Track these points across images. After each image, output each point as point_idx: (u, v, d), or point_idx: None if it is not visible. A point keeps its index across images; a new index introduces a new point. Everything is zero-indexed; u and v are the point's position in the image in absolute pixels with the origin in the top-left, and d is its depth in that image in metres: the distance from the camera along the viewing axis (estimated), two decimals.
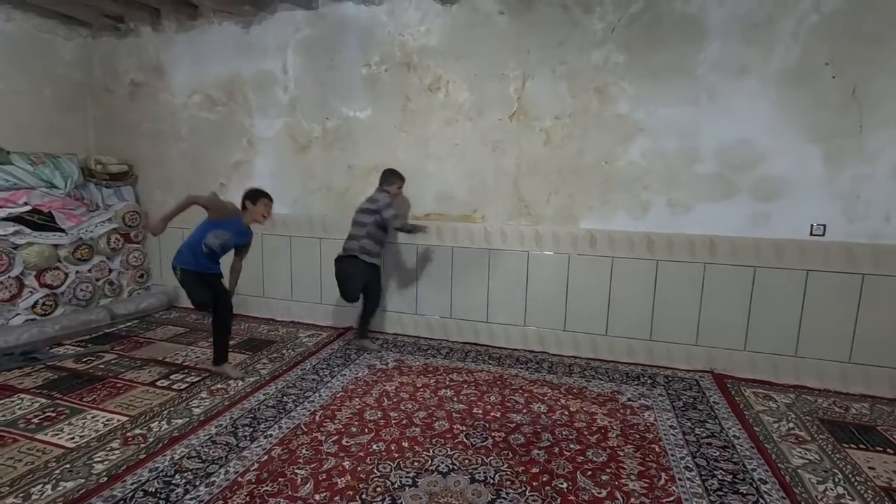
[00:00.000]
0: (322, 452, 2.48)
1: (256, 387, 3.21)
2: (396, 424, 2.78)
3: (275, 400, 3.04)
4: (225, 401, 3.02)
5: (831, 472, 2.41)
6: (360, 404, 3.01)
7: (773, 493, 2.25)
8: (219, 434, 2.64)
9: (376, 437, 2.63)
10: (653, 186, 3.56)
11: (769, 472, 2.40)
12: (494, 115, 3.82)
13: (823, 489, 2.29)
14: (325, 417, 2.84)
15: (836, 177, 3.21)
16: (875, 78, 3.08)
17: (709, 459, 2.50)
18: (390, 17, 3.94)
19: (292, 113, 4.33)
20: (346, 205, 4.28)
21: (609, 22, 3.48)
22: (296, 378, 3.37)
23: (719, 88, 3.35)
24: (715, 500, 2.19)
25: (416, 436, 2.66)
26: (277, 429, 2.70)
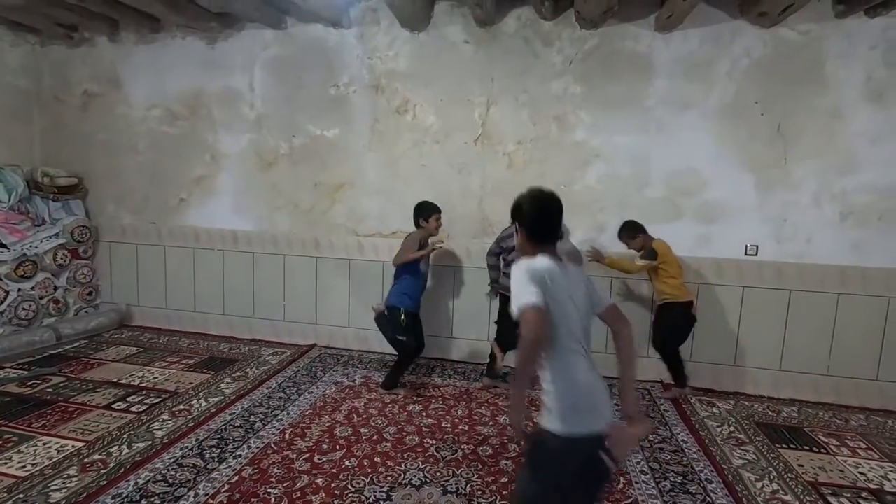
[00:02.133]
0: (294, 470, 2.49)
1: (221, 407, 3.15)
2: (367, 440, 2.82)
3: (242, 419, 3.00)
4: (189, 422, 2.95)
5: (767, 471, 2.67)
6: (329, 421, 3.02)
7: (719, 491, 2.46)
8: (185, 456, 2.59)
9: (348, 454, 2.66)
10: (608, 209, 3.82)
11: (714, 472, 2.62)
12: (460, 139, 3.98)
13: (761, 486, 2.53)
14: (296, 435, 2.84)
15: (766, 203, 3.58)
16: (796, 116, 3.49)
17: (661, 463, 2.70)
18: (359, 41, 4.05)
19: (258, 130, 4.32)
20: (311, 222, 4.31)
21: (567, 55, 3.75)
22: (262, 397, 3.33)
23: (666, 121, 3.67)
24: (668, 501, 2.37)
25: (388, 451, 2.71)
26: (247, 448, 2.68)
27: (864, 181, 3.45)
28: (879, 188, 3.43)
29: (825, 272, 3.52)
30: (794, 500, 2.42)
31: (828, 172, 3.49)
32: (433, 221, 3.45)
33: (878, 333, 3.48)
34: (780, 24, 3.42)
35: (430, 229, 3.45)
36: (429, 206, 3.48)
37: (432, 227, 3.45)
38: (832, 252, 3.53)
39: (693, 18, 3.47)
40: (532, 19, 3.76)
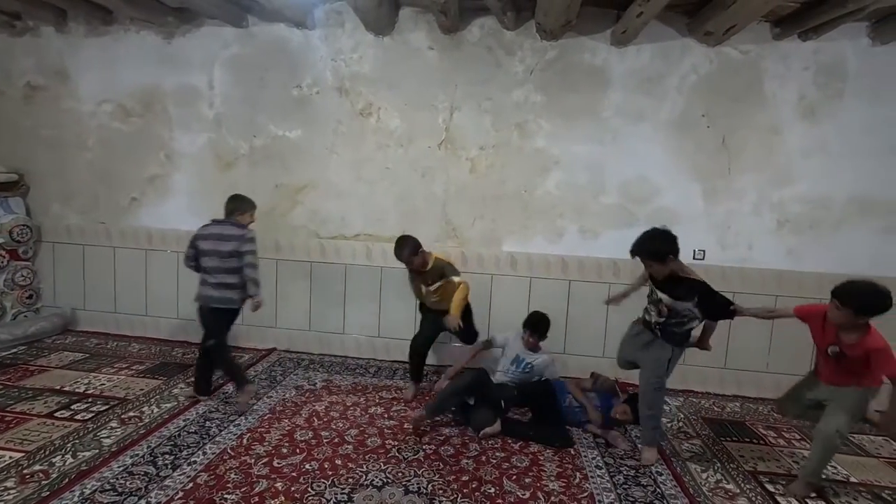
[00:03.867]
0: (252, 475, 2.44)
1: (175, 413, 3.05)
2: (329, 443, 2.79)
3: (197, 425, 2.91)
4: (140, 429, 2.83)
5: (712, 462, 2.83)
6: (289, 425, 2.98)
7: (668, 482, 2.60)
8: (135, 464, 2.49)
9: (309, 457, 2.63)
10: (566, 214, 3.96)
11: (664, 465, 2.76)
12: (424, 143, 4.03)
13: (706, 476, 2.68)
14: (254, 440, 2.78)
15: (712, 211, 3.81)
16: (739, 130, 3.74)
17: (615, 458, 2.82)
18: (323, 43, 4.04)
19: (217, 129, 4.22)
20: (272, 224, 4.23)
21: (528, 65, 3.87)
22: (219, 402, 3.24)
23: (621, 131, 3.85)
24: (621, 493, 2.48)
25: (350, 453, 2.70)
26: (202, 454, 2.60)
27: (798, 192, 3.73)
28: (811, 199, 3.72)
29: (764, 276, 3.77)
30: (736, 488, 2.58)
31: (766, 183, 3.75)
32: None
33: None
34: (724, 44, 3.66)
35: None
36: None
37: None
38: (770, 257, 3.79)
39: (646, 35, 3.66)
40: (495, 29, 3.86)
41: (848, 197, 3.70)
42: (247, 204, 3.29)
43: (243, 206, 3.27)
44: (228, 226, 3.18)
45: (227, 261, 3.12)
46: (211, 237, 3.15)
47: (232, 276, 3.14)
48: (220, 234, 3.14)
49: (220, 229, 3.17)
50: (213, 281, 3.15)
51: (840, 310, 2.31)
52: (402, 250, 3.26)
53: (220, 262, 3.12)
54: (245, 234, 3.16)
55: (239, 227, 3.18)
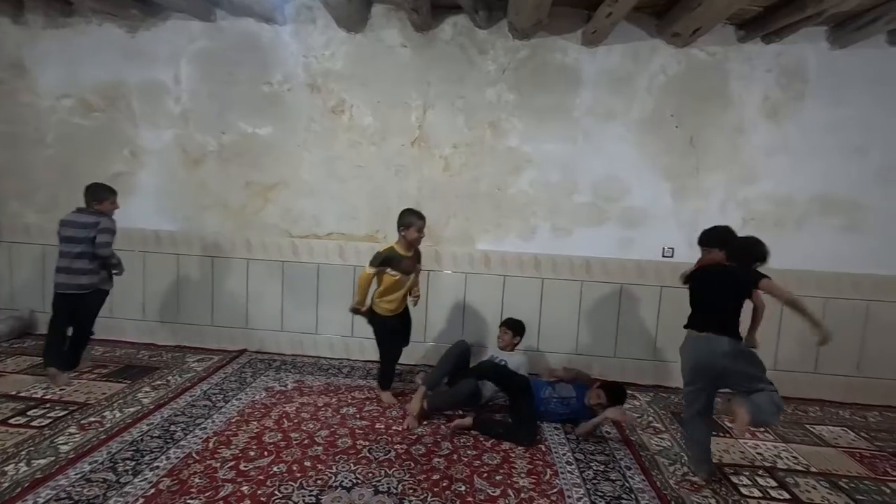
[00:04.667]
0: (218, 480, 2.38)
1: (138, 417, 2.95)
2: (298, 445, 2.74)
3: (161, 430, 2.83)
4: (100, 434, 2.74)
5: (679, 456, 2.87)
6: (258, 427, 2.91)
7: (636, 477, 2.63)
8: (94, 471, 2.40)
9: (277, 459, 2.58)
10: (539, 213, 3.98)
11: (633, 459, 2.79)
12: (397, 141, 4.00)
13: (673, 469, 2.73)
14: (220, 443, 2.71)
15: (681, 209, 3.88)
16: (706, 130, 3.82)
17: (586, 454, 2.84)
18: (294, 38, 3.97)
19: (185, 125, 4.11)
20: (243, 222, 4.15)
21: (501, 64, 3.88)
22: (185, 405, 3.15)
23: (592, 130, 3.89)
24: (591, 488, 2.50)
25: (319, 454, 2.66)
26: (165, 459, 2.53)
27: (762, 191, 3.83)
28: (774, 197, 3.82)
29: None
30: (701, 480, 2.63)
31: (732, 182, 3.84)
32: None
33: (773, 326, 3.84)
34: (692, 45, 3.73)
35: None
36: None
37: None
38: None
39: (616, 35, 3.71)
40: (468, 27, 3.86)
41: (810, 195, 3.81)
42: (104, 192, 3.38)
43: (100, 194, 3.36)
44: (86, 214, 3.31)
45: (78, 246, 3.25)
46: (70, 225, 3.29)
47: (80, 261, 3.26)
48: (76, 222, 3.28)
49: (77, 217, 3.30)
50: (62, 265, 3.27)
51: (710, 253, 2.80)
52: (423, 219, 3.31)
53: (71, 248, 3.25)
54: (100, 221, 3.28)
55: (97, 216, 3.30)
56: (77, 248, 3.24)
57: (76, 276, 3.26)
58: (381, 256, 3.21)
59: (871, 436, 3.30)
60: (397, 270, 3.23)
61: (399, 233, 3.26)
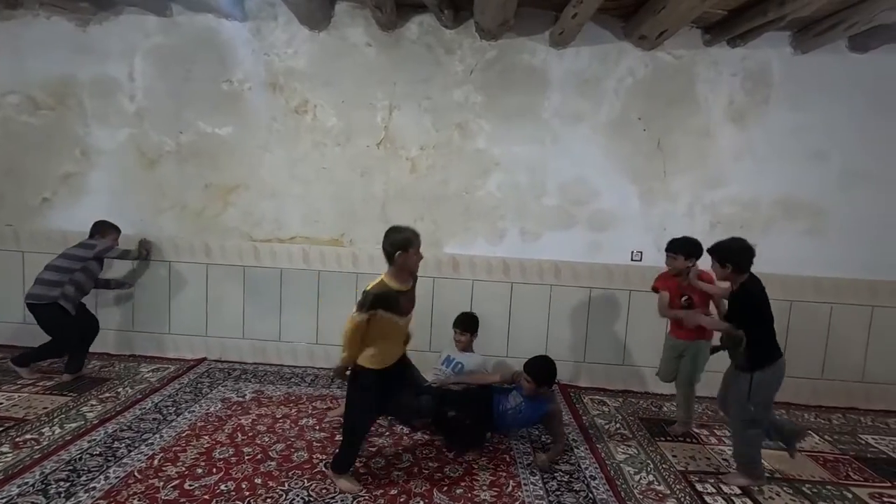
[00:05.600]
0: (159, 501, 2.23)
1: (79, 433, 2.77)
2: (250, 460, 2.61)
3: (103, 446, 2.66)
4: (35, 453, 2.56)
5: (645, 463, 2.83)
6: (209, 442, 2.77)
7: (601, 487, 2.57)
8: (23, 494, 2.23)
9: (225, 476, 2.45)
10: (508, 216, 3.92)
11: (598, 469, 2.73)
12: (362, 142, 3.89)
13: (639, 478, 2.68)
14: (166, 460, 2.56)
15: (648, 212, 3.86)
16: (673, 133, 3.81)
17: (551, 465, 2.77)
18: (255, 36, 3.84)
19: (140, 124, 3.93)
20: (201, 226, 3.99)
21: (468, 65, 3.81)
22: (132, 419, 2.99)
23: (561, 132, 3.84)
24: (553, 500, 2.42)
25: (272, 470, 2.53)
26: (104, 479, 2.37)
27: (728, 194, 3.83)
28: (741, 200, 3.83)
29: None
30: (667, 489, 2.58)
31: (699, 186, 3.84)
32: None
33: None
34: (659, 49, 3.72)
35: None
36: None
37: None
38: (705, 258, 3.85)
39: (584, 37, 3.68)
40: (434, 26, 3.78)
41: (774, 199, 3.83)
42: (105, 227, 3.67)
43: (99, 228, 3.66)
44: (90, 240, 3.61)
45: (59, 260, 3.49)
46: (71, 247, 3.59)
47: (53, 273, 3.44)
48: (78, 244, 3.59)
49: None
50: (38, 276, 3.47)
51: (675, 259, 3.05)
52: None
53: (51, 260, 3.51)
54: (98, 242, 3.58)
55: (97, 240, 3.60)
56: (56, 261, 3.48)
57: (37, 286, 3.43)
58: (372, 296, 2.28)
59: (835, 439, 3.31)
60: (393, 312, 2.34)
61: (393, 259, 2.34)
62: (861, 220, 3.81)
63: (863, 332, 3.88)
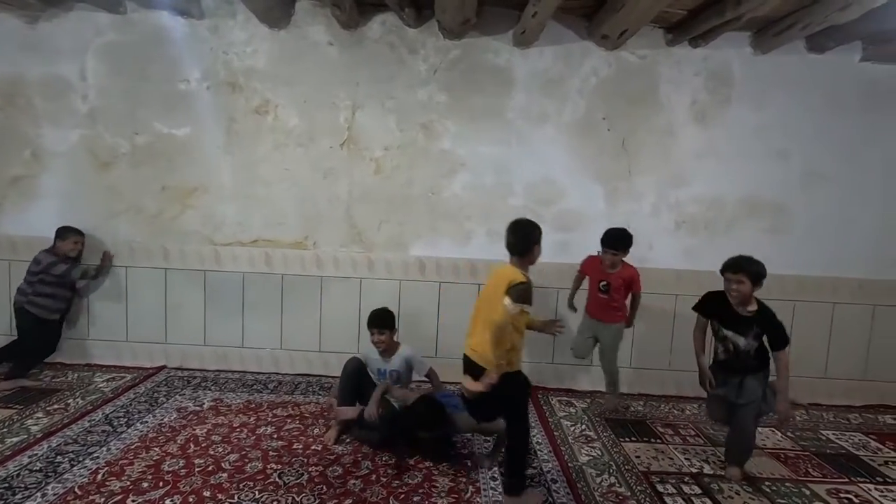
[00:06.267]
0: None
1: (19, 448, 2.65)
2: (200, 472, 2.51)
3: (44, 462, 2.54)
4: None
5: (608, 465, 2.80)
6: (159, 454, 2.66)
7: (562, 490, 2.53)
8: None
9: (173, 490, 2.35)
10: (474, 217, 3.88)
11: (560, 472, 2.70)
12: (325, 143, 3.82)
13: (600, 480, 2.65)
14: (111, 475, 2.45)
15: (614, 212, 3.85)
16: (637, 133, 3.81)
17: None
18: (213, 34, 3.74)
19: (92, 125, 3.80)
20: (159, 230, 3.87)
21: (432, 64, 3.76)
22: (80, 431, 2.86)
23: (526, 133, 3.82)
24: None
25: (223, 482, 2.44)
26: (41, 497, 2.25)
27: (692, 193, 3.85)
28: (704, 200, 3.85)
29: (664, 275, 3.85)
30: (627, 490, 2.56)
31: (664, 185, 3.84)
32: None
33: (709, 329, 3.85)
34: (622, 48, 3.72)
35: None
36: None
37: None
38: (669, 257, 3.88)
39: (547, 37, 3.66)
40: (397, 25, 3.73)
41: (738, 198, 3.86)
42: (67, 233, 3.64)
43: (62, 234, 3.64)
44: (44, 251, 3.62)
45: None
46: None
47: (24, 280, 3.56)
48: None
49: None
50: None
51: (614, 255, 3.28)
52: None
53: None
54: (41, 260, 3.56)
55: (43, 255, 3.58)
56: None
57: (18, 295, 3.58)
58: (524, 288, 2.23)
59: (797, 435, 3.34)
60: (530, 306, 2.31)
61: (529, 252, 2.39)
62: (821, 218, 3.86)
63: (825, 329, 3.93)
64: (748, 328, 2.57)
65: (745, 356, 2.60)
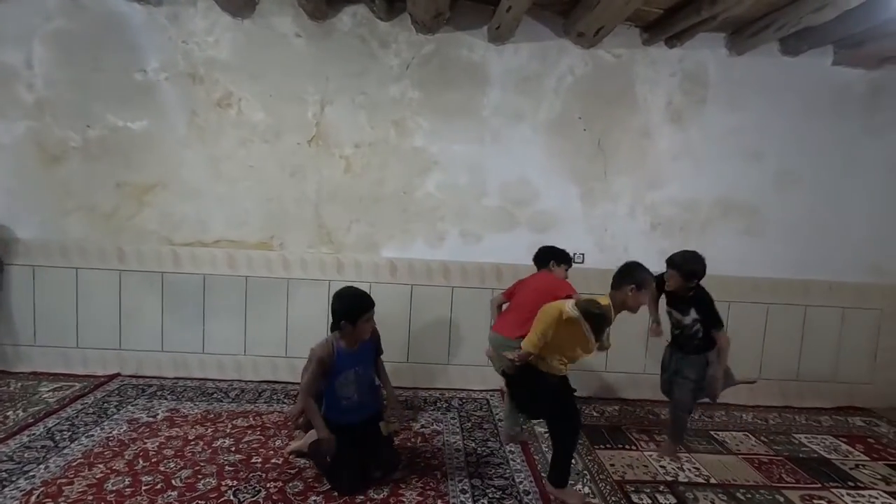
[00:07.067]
0: None
1: None
2: (147, 491, 2.33)
3: None
4: None
5: (582, 474, 2.72)
6: (103, 472, 2.46)
7: (534, 502, 2.43)
8: None
9: None
10: (448, 217, 3.76)
11: (533, 482, 2.60)
12: (293, 139, 3.65)
13: (575, 490, 2.55)
14: (47, 496, 2.25)
15: (590, 213, 3.79)
16: (613, 133, 3.75)
17: (483, 478, 2.61)
18: (172, 22, 3.53)
19: (40, 116, 3.55)
20: (113, 229, 3.65)
21: (404, 59, 3.63)
22: (16, 447, 2.64)
23: (501, 131, 3.72)
24: None
25: (171, 501, 2.26)
26: None
27: (668, 195, 3.81)
28: (680, 201, 3.81)
29: None
30: (601, 501, 2.48)
31: (640, 186, 3.79)
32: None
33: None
34: (598, 47, 3.66)
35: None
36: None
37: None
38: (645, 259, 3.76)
39: (523, 33, 3.57)
40: (368, 18, 3.58)
41: (713, 199, 3.83)
42: None
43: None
44: None
45: None
46: None
47: None
48: None
49: None
50: None
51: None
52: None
53: None
54: None
55: None
56: None
57: None
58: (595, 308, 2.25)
59: (770, 439, 3.32)
60: (593, 333, 2.30)
61: (622, 290, 2.31)
62: (794, 220, 3.86)
63: (797, 331, 3.94)
64: (687, 307, 2.83)
65: (691, 334, 2.85)
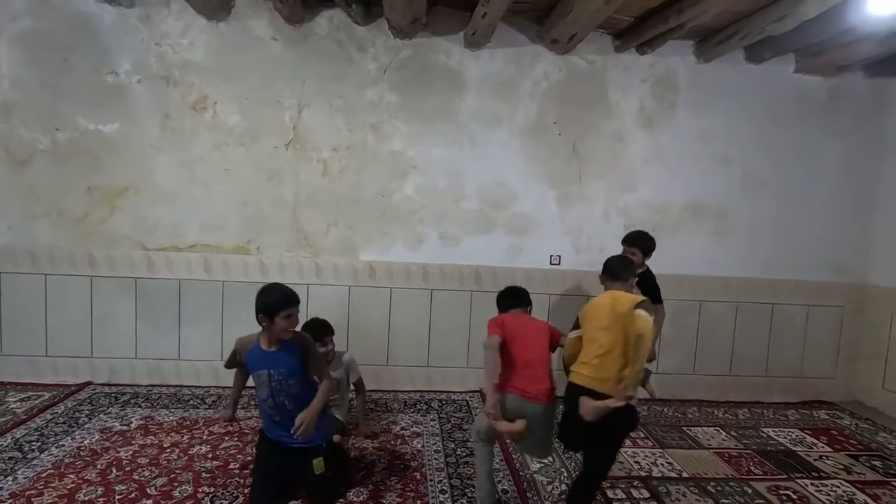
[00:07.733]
0: None
1: None
2: (121, 500, 2.29)
3: None
4: None
5: (559, 472, 2.77)
6: (74, 482, 2.41)
7: (513, 500, 2.47)
8: None
9: None
10: (426, 220, 3.79)
11: (511, 482, 2.64)
12: (269, 143, 3.63)
13: (551, 489, 2.61)
14: None
15: (566, 216, 3.86)
16: (588, 137, 3.84)
17: (463, 479, 2.64)
18: (144, 24, 3.48)
19: (6, 118, 3.46)
20: (84, 234, 3.57)
21: (382, 63, 3.65)
22: None
23: (478, 135, 3.77)
24: None
25: None
26: None
27: (640, 197, 3.91)
28: (652, 204, 3.92)
29: None
30: None
31: (613, 189, 3.89)
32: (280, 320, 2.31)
33: (665, 334, 3.85)
34: (572, 53, 3.74)
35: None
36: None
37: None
38: None
39: (499, 39, 3.63)
40: (345, 22, 3.59)
41: (683, 202, 3.95)
42: None
43: None
44: None
45: None
46: None
47: None
48: None
49: None
50: None
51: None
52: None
53: None
54: None
55: None
56: None
57: None
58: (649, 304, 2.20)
59: (740, 434, 3.43)
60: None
61: (628, 282, 2.41)
62: (761, 222, 4.00)
63: (765, 329, 4.08)
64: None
65: None
